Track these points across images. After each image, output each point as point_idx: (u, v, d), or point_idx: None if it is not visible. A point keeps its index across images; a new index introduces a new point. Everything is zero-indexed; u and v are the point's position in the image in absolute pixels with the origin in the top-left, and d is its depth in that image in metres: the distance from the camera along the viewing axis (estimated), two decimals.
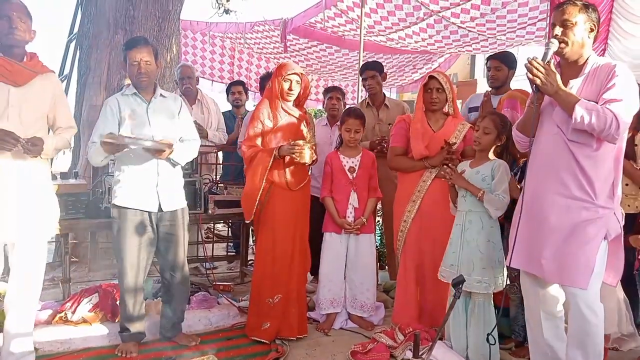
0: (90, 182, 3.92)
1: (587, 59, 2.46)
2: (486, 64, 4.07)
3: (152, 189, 3.07)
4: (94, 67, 5.28)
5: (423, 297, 3.53)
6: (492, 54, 4.21)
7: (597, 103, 2.31)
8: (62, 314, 3.33)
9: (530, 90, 2.54)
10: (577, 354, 2.40)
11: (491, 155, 3.11)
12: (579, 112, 2.27)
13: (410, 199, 3.50)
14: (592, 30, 2.44)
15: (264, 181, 3.35)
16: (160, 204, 3.10)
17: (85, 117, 5.28)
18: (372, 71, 4.44)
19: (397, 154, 3.60)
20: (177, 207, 3.19)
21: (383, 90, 4.61)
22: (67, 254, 3.63)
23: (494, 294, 3.06)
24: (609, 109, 2.26)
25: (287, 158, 3.36)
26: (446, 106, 3.55)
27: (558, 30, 2.42)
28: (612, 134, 2.26)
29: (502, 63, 3.92)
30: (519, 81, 2.51)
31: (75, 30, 5.77)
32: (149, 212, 3.08)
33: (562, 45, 2.41)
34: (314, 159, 3.41)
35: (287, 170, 3.40)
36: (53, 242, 4.98)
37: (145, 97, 3.11)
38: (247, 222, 3.48)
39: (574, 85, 2.43)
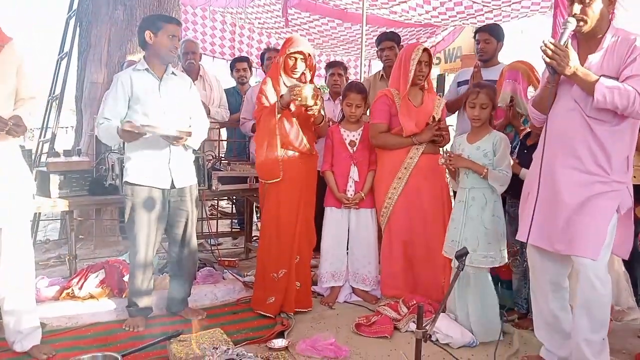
0: (94, 159, 3.92)
1: (606, 32, 2.38)
2: (474, 37, 4.03)
3: (164, 166, 3.10)
4: (95, 43, 5.23)
5: (415, 271, 3.55)
6: (479, 27, 4.16)
7: (617, 78, 2.27)
8: (69, 290, 3.37)
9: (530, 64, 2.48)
10: (586, 324, 2.41)
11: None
12: (600, 92, 2.22)
13: (396, 175, 3.47)
14: (611, 2, 2.37)
15: (277, 139, 3.31)
16: (172, 181, 3.13)
17: (86, 94, 5.26)
18: (391, 42, 4.37)
19: (381, 130, 3.53)
20: (188, 184, 3.23)
21: None
22: (72, 231, 3.65)
23: (498, 267, 3.08)
24: (631, 85, 2.21)
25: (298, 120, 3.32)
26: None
27: (577, 8, 2.33)
28: (637, 110, 2.23)
29: (491, 36, 3.89)
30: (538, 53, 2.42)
31: (75, 6, 5.71)
32: (162, 188, 3.11)
33: (581, 23, 2.33)
34: (319, 104, 3.29)
35: (299, 131, 3.37)
36: (58, 219, 5.02)
37: (157, 74, 3.12)
38: (275, 180, 3.35)
39: (593, 61, 2.37)
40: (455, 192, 3.46)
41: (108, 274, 3.47)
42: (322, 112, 3.43)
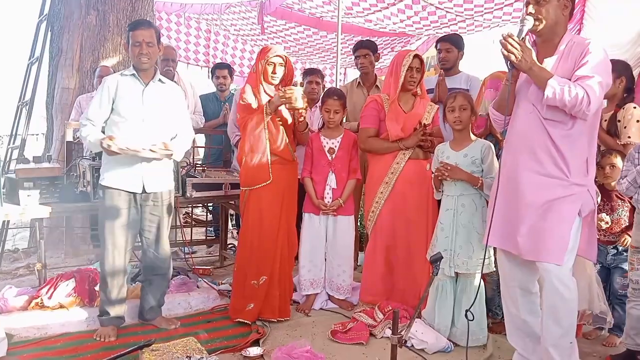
0: (64, 165, 3.84)
1: (562, 37, 2.48)
2: (436, 46, 4.12)
3: (136, 171, 3.07)
4: (66, 49, 5.16)
5: (394, 276, 3.56)
6: (441, 37, 4.24)
7: (570, 80, 2.34)
8: (38, 299, 3.28)
9: (493, 67, 2.56)
10: (553, 328, 2.45)
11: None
12: (551, 87, 2.30)
13: (383, 180, 3.49)
14: (566, 7, 2.46)
15: (267, 143, 3.33)
16: (144, 186, 3.10)
17: (57, 100, 5.17)
18: (366, 50, 4.42)
19: (370, 135, 3.56)
20: (161, 189, 3.19)
21: (375, 71, 4.59)
22: (42, 240, 3.55)
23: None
24: (581, 85, 2.28)
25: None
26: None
27: (532, 8, 2.42)
28: (584, 110, 2.29)
29: (452, 45, 3.98)
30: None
31: (46, 11, 5.62)
32: (132, 192, 3.08)
33: (537, 22, 2.42)
34: (307, 105, 3.35)
35: (283, 135, 3.38)
36: (27, 228, 4.90)
37: (144, 79, 3.11)
38: (265, 183, 3.36)
39: (549, 64, 2.45)
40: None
41: (79, 282, 3.39)
42: (307, 120, 3.46)
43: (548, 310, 2.46)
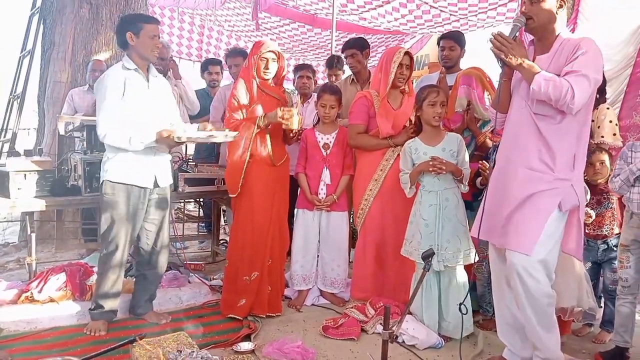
0: (56, 159, 3.81)
1: (558, 36, 2.49)
2: (438, 43, 4.09)
3: (149, 165, 3.07)
4: (59, 42, 5.13)
5: (385, 273, 3.56)
6: (443, 33, 4.22)
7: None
8: (28, 293, 3.26)
9: (487, 67, 2.58)
10: (530, 318, 2.48)
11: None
12: (537, 81, 2.33)
13: (372, 177, 3.50)
14: (561, 6, 2.47)
15: (249, 152, 3.32)
16: (156, 180, 3.11)
17: (49, 94, 5.14)
18: (352, 49, 4.39)
19: (359, 131, 3.55)
20: (169, 183, 3.23)
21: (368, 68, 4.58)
22: (32, 233, 3.53)
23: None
24: (566, 79, 2.31)
25: (270, 131, 3.33)
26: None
27: (525, 7, 2.45)
28: (567, 103, 2.31)
29: (455, 43, 3.93)
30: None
31: (38, 4, 5.59)
32: (145, 187, 3.07)
33: (530, 21, 2.45)
34: (302, 126, 3.38)
35: (269, 143, 3.37)
36: (18, 221, 4.87)
37: (145, 73, 3.11)
38: (232, 195, 3.42)
39: (541, 61, 2.47)
40: None
41: (69, 276, 3.37)
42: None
43: (517, 299, 2.50)
